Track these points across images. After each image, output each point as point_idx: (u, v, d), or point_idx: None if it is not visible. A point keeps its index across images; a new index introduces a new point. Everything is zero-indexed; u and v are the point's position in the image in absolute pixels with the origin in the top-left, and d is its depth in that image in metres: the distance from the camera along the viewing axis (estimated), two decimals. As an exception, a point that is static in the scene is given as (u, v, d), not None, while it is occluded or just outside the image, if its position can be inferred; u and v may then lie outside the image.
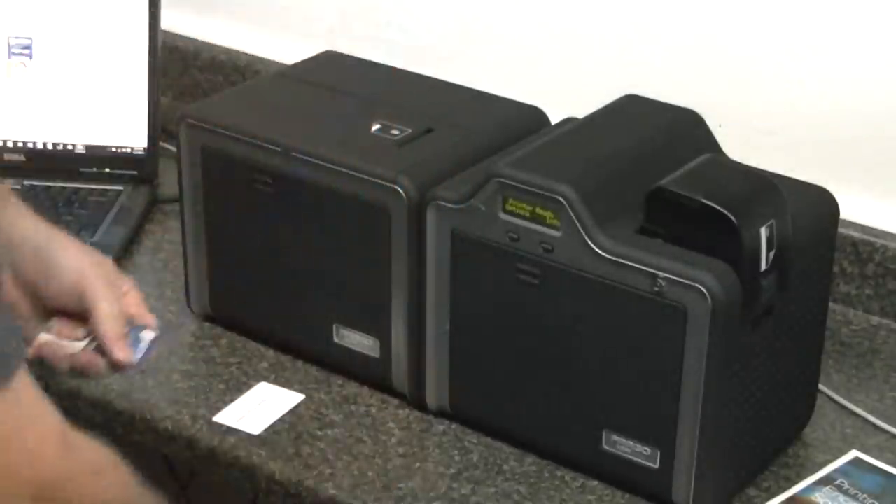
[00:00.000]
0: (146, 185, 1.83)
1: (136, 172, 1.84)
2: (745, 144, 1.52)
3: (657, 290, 1.25)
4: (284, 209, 1.47)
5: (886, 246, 1.61)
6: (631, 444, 1.32)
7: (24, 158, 1.85)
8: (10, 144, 1.85)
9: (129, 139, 1.84)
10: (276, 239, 1.49)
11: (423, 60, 1.70)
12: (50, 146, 1.85)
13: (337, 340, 1.49)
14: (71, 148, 1.85)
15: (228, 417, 1.45)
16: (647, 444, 1.31)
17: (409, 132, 1.46)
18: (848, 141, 1.64)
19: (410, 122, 1.47)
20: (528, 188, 1.30)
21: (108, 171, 1.84)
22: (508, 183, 1.31)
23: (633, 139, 1.39)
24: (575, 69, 1.79)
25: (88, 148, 1.85)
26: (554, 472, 1.38)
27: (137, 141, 1.84)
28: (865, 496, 1.35)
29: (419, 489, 1.36)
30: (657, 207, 1.28)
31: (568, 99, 1.58)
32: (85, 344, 1.30)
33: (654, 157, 1.35)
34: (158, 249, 1.73)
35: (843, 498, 1.35)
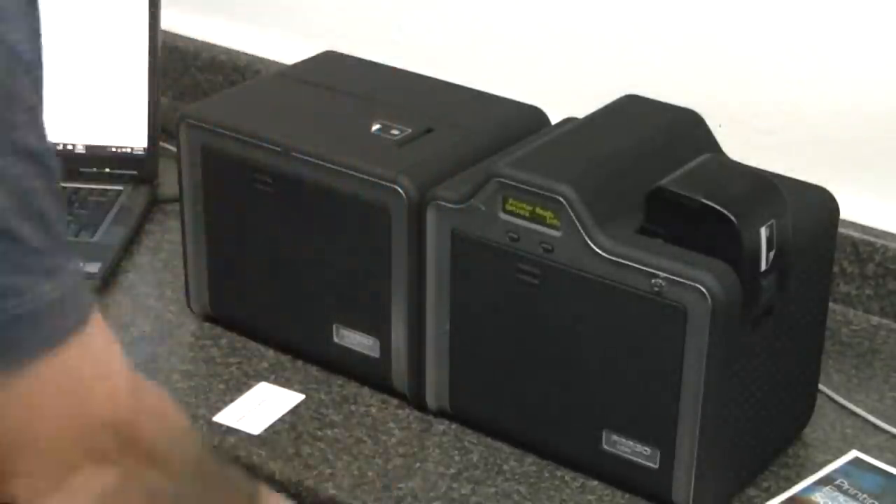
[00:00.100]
0: (146, 185, 1.83)
1: (136, 172, 1.84)
2: (745, 144, 1.52)
3: (657, 290, 1.25)
4: (284, 209, 1.47)
5: (886, 246, 1.61)
6: (631, 444, 1.32)
7: (24, 158, 1.85)
8: (10, 144, 1.85)
9: (129, 139, 1.84)
10: (276, 239, 1.49)
11: (422, 60, 1.70)
12: (50, 146, 1.85)
13: (337, 340, 1.49)
14: (71, 148, 1.84)
15: (228, 417, 1.45)
16: (647, 444, 1.31)
17: (409, 132, 1.46)
18: (848, 141, 1.64)
19: (410, 122, 1.47)
20: (528, 188, 1.30)
21: (108, 171, 1.84)
22: (508, 183, 1.31)
23: (633, 139, 1.39)
24: (575, 69, 1.79)
25: (88, 148, 1.85)
26: (554, 472, 1.38)
27: (137, 141, 1.84)
28: (865, 496, 1.35)
29: (419, 489, 1.36)
30: (657, 207, 1.28)
31: (568, 99, 1.58)
32: None
33: (654, 157, 1.35)
34: (158, 249, 1.73)
35: (843, 498, 1.35)
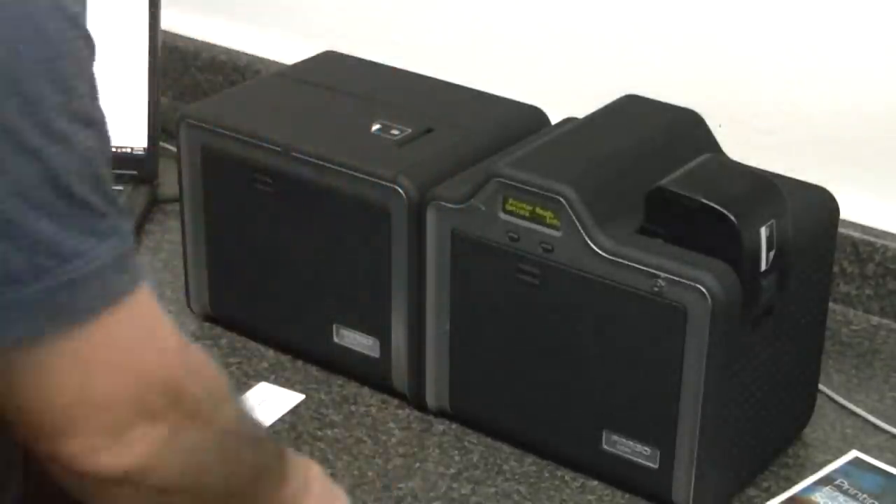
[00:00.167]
0: (146, 185, 1.83)
1: (136, 172, 1.83)
2: (745, 144, 1.52)
3: (657, 290, 1.25)
4: (284, 209, 1.47)
5: (886, 246, 1.61)
6: (631, 444, 1.32)
7: (24, 158, 1.85)
8: (10, 144, 1.85)
9: (129, 139, 1.84)
10: (276, 239, 1.49)
11: (422, 60, 1.70)
12: (50, 146, 1.85)
13: (337, 340, 1.48)
14: (71, 148, 1.84)
15: (228, 417, 1.45)
16: (647, 444, 1.31)
17: (409, 132, 1.46)
18: (848, 141, 1.64)
19: (410, 122, 1.47)
20: (528, 188, 1.30)
21: (108, 171, 1.84)
22: (508, 183, 1.31)
23: (633, 139, 1.39)
24: (575, 69, 1.79)
25: (88, 148, 1.84)
26: (554, 472, 1.38)
27: (137, 141, 1.84)
28: (865, 496, 1.35)
29: (419, 489, 1.36)
30: (657, 207, 1.28)
31: (568, 99, 1.58)
32: None
33: (654, 157, 1.35)
34: (158, 249, 1.73)
35: (843, 498, 1.35)
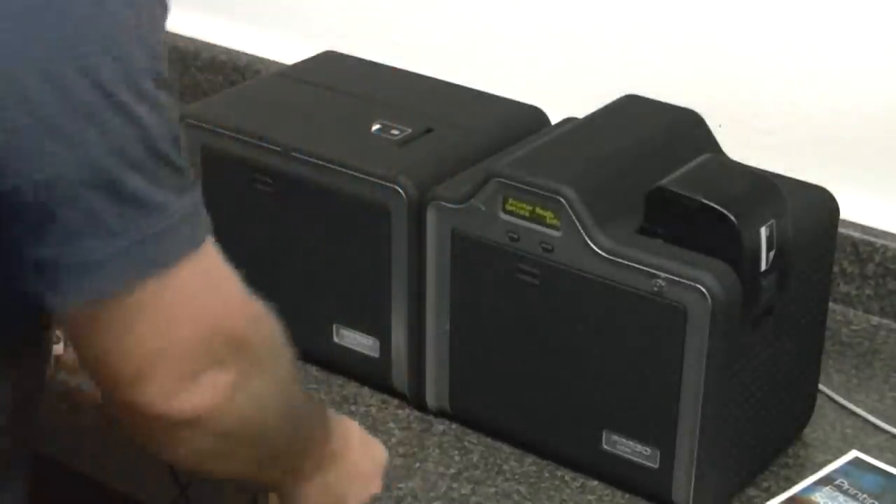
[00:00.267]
0: (146, 185, 1.82)
1: (136, 172, 1.83)
2: (745, 144, 1.52)
3: (657, 290, 1.25)
4: (284, 209, 1.47)
5: (886, 246, 1.61)
6: (631, 444, 1.32)
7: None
8: (10, 144, 1.85)
9: (129, 139, 1.83)
10: (276, 239, 1.49)
11: (422, 60, 1.70)
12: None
13: (337, 340, 1.48)
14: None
15: (228, 417, 1.44)
16: (647, 444, 1.31)
17: (409, 132, 1.46)
18: (848, 141, 1.64)
19: (410, 122, 1.47)
20: (528, 188, 1.30)
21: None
22: (508, 183, 1.31)
23: (633, 139, 1.39)
24: (575, 69, 1.79)
25: (88, 148, 1.84)
26: (554, 472, 1.38)
27: (137, 141, 1.83)
28: (865, 496, 1.35)
29: (419, 489, 1.36)
30: (657, 207, 1.28)
31: (568, 99, 1.58)
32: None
33: (654, 157, 1.35)
34: (158, 249, 1.73)
35: (843, 498, 1.35)
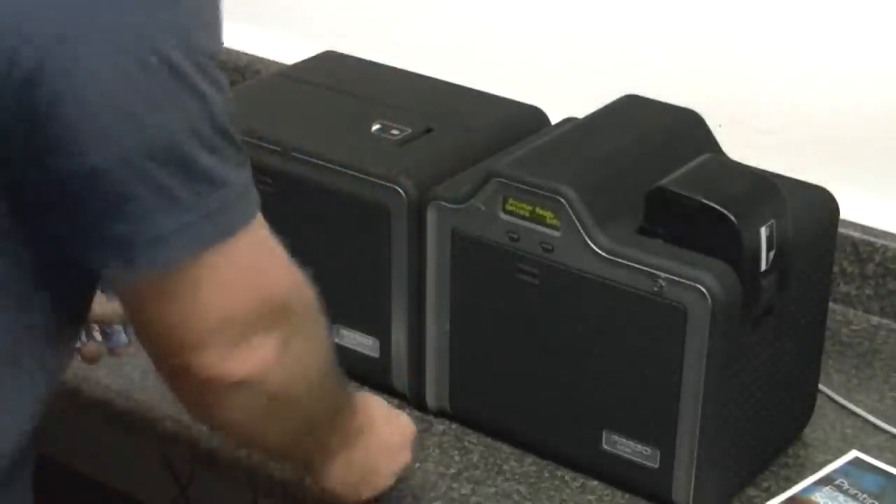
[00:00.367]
0: (146, 185, 1.82)
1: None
2: (745, 144, 1.52)
3: (657, 290, 1.25)
4: (284, 209, 1.47)
5: (886, 246, 1.61)
6: (631, 444, 1.32)
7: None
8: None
9: (129, 139, 1.83)
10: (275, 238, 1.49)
11: (422, 60, 1.70)
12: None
13: (337, 340, 1.48)
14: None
15: (228, 417, 1.44)
16: (647, 444, 1.31)
17: (409, 132, 1.46)
18: (848, 141, 1.64)
19: (410, 122, 1.47)
20: (528, 188, 1.30)
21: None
22: (508, 183, 1.31)
23: (633, 139, 1.39)
24: (575, 69, 1.79)
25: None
26: (554, 472, 1.38)
27: (137, 141, 1.83)
28: (865, 496, 1.35)
29: (419, 489, 1.36)
30: (657, 207, 1.28)
31: (568, 99, 1.58)
32: None
33: (654, 157, 1.35)
34: (158, 249, 1.73)
35: (843, 498, 1.35)
